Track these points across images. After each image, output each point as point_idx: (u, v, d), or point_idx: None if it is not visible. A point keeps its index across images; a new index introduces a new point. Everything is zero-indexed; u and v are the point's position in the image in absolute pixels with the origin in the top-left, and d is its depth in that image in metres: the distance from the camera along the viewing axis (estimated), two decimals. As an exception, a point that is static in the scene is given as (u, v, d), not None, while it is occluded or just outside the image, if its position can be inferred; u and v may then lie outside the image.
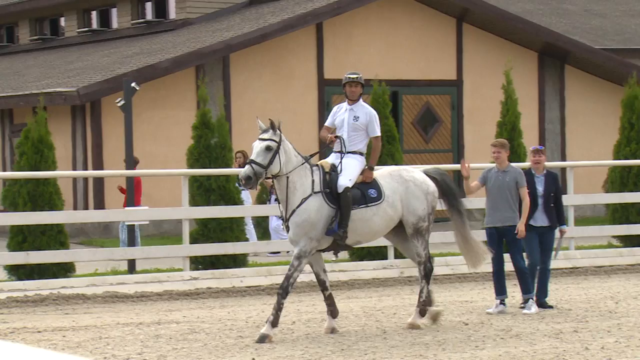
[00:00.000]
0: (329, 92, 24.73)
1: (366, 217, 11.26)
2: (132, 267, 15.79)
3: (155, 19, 27.90)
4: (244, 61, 23.83)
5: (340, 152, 11.39)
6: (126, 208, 16.35)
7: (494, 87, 23.72)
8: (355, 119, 11.46)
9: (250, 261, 16.64)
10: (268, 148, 10.95)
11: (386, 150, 16.98)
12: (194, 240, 15.61)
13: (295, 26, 24.02)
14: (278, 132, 11.08)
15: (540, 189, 12.83)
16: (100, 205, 22.45)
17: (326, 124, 11.75)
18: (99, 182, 22.59)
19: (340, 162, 11.29)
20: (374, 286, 15.36)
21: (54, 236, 14.95)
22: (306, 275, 15.39)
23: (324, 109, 24.67)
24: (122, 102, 16.61)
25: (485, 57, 26.04)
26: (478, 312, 12.63)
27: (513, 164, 12.96)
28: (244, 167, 18.92)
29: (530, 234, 12.69)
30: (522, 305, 12.63)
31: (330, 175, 11.23)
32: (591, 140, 26.89)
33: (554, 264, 13.61)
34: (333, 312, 11.32)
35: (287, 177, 11.01)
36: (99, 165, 22.57)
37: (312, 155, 11.68)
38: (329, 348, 10.38)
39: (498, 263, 12.63)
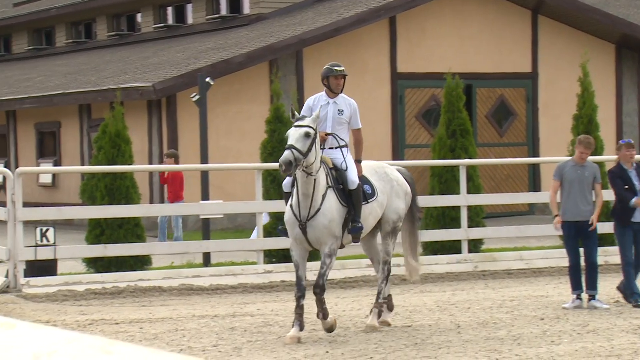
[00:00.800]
0: (402, 86, 24.66)
1: (365, 214, 10.99)
2: (207, 261, 15.94)
3: (229, 14, 28.09)
4: (317, 55, 23.88)
5: (340, 147, 10.98)
6: (201, 202, 16.50)
7: (570, 80, 23.44)
8: (340, 113, 11.00)
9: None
10: (307, 135, 10.44)
11: (460, 144, 16.89)
12: (268, 234, 15.70)
13: (368, 20, 24.00)
14: (313, 120, 10.55)
15: (637, 183, 12.59)
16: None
17: None
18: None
19: (345, 158, 10.93)
20: (447, 280, 15.30)
21: (131, 229, 15.15)
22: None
23: (397, 103, 24.62)
24: (197, 97, 16.76)
25: (561, 50, 25.73)
26: (554, 307, 12.50)
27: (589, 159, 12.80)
28: None
29: (626, 230, 12.46)
30: (590, 299, 12.44)
31: (338, 172, 10.89)
32: (670, 133, 26.42)
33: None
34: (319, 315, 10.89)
35: (314, 171, 10.52)
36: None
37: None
38: (402, 342, 10.37)
39: (575, 257, 12.49)
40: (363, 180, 11.06)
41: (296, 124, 10.59)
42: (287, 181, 10.95)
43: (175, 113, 22.94)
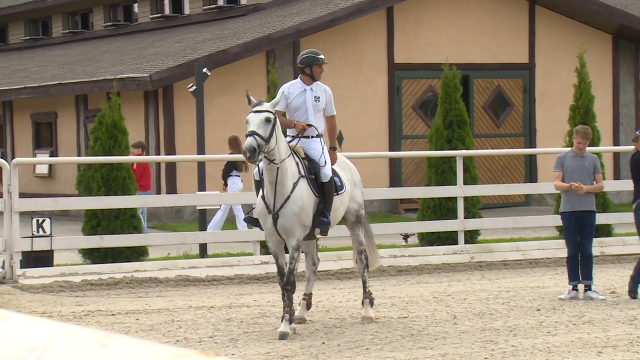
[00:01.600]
0: (399, 76, 24.65)
1: (335, 205, 10.84)
2: (203, 251, 15.94)
3: (226, 4, 28.04)
4: (314, 46, 23.76)
5: (318, 136, 10.77)
6: (198, 193, 16.48)
7: (567, 70, 23.43)
8: (316, 100, 10.78)
9: (321, 246, 16.69)
10: (267, 120, 10.18)
11: (457, 134, 16.89)
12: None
13: (365, 10, 23.97)
14: (272, 105, 10.33)
15: None
16: (172, 189, 22.69)
17: (279, 107, 10.56)
18: (171, 166, 22.83)
19: (323, 152, 10.73)
20: (444, 271, 15.30)
21: (127, 220, 15.15)
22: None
23: (394, 94, 24.61)
24: (194, 88, 16.74)
25: (558, 40, 25.72)
26: (550, 297, 12.52)
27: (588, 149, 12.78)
28: (232, 152, 18.88)
29: None
30: (585, 289, 12.44)
31: (310, 162, 10.67)
32: (666, 124, 26.43)
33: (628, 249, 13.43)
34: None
35: (277, 158, 10.26)
36: (171, 150, 22.80)
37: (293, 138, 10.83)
38: (398, 333, 10.38)
39: (573, 248, 12.44)
40: (332, 172, 10.86)
41: (254, 109, 10.32)
42: (256, 169, 10.73)
43: (172, 103, 22.92)
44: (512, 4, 25.50)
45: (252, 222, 11.02)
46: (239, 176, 19.02)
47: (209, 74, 16.98)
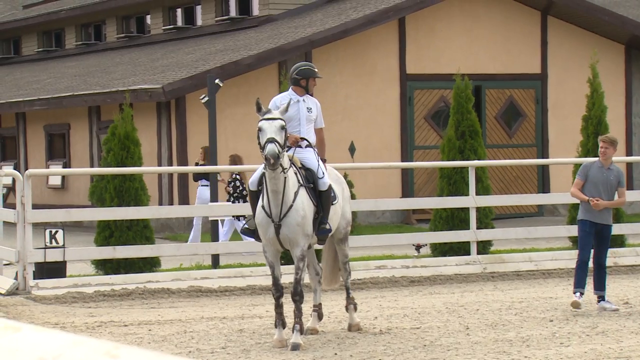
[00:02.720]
0: (411, 87, 24.64)
1: (329, 215, 10.76)
2: (216, 262, 15.94)
3: (238, 15, 28.11)
4: (326, 57, 23.87)
5: (312, 147, 10.78)
6: (210, 204, 16.49)
7: (580, 80, 23.39)
8: (309, 111, 10.82)
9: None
10: (282, 127, 10.14)
11: (469, 145, 16.86)
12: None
13: (377, 21, 23.98)
14: (280, 113, 10.26)
15: None
16: (184, 200, 22.71)
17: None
18: (184, 177, 22.86)
19: (319, 163, 10.71)
20: (456, 282, 15.24)
21: (140, 231, 15.16)
22: (387, 271, 15.36)
23: (406, 104, 24.60)
24: (206, 99, 16.76)
25: (570, 51, 25.68)
26: (563, 308, 12.45)
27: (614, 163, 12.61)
28: (205, 163, 19.12)
29: None
30: (598, 300, 12.37)
31: (306, 171, 10.65)
32: (680, 134, 26.34)
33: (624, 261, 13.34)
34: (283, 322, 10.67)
35: (285, 168, 10.24)
36: (183, 161, 22.83)
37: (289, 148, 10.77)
38: (410, 344, 10.34)
39: (585, 255, 12.29)
40: None
41: (266, 116, 10.26)
42: (254, 179, 10.68)
43: (184, 115, 22.96)
44: (525, 14, 25.49)
45: (249, 233, 10.96)
46: (208, 185, 19.30)
47: (221, 85, 17.00)
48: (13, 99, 27.59)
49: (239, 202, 18.19)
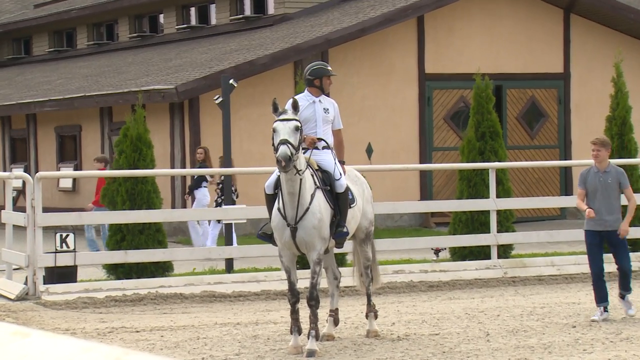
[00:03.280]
0: (430, 87, 24.32)
1: (347, 219, 10.58)
2: (229, 267, 15.68)
3: (253, 14, 27.86)
4: (343, 56, 23.59)
5: (329, 148, 10.59)
6: (224, 207, 16.21)
7: (603, 80, 23.04)
8: (325, 111, 10.62)
9: (349, 261, 16.38)
10: (297, 128, 9.97)
11: (489, 146, 16.58)
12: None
13: (395, 20, 23.68)
14: (297, 114, 10.09)
15: None
16: (199, 202, 22.44)
17: None
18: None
19: (336, 164, 10.52)
20: (476, 287, 15.02)
21: (152, 235, 14.91)
22: (405, 275, 15.11)
23: (425, 105, 24.28)
24: (220, 99, 16.50)
25: (593, 49, 25.32)
26: (586, 314, 12.19)
27: (613, 163, 12.20)
28: (204, 165, 19.06)
29: None
30: (621, 295, 11.96)
31: (323, 173, 10.46)
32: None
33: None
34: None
35: (301, 170, 10.06)
36: (196, 164, 22.55)
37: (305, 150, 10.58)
38: (429, 350, 10.13)
39: (597, 267, 11.90)
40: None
41: (281, 117, 10.09)
42: (270, 182, 10.51)
43: (198, 115, 22.70)
44: (547, 12, 25.14)
45: (265, 238, 10.75)
46: (207, 187, 19.17)
47: (235, 85, 16.74)
48: (24, 100, 27.40)
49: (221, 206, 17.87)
